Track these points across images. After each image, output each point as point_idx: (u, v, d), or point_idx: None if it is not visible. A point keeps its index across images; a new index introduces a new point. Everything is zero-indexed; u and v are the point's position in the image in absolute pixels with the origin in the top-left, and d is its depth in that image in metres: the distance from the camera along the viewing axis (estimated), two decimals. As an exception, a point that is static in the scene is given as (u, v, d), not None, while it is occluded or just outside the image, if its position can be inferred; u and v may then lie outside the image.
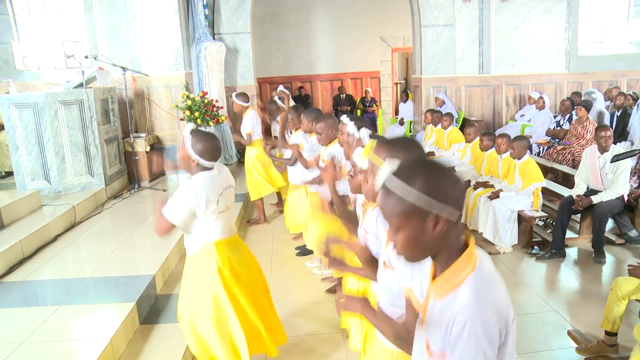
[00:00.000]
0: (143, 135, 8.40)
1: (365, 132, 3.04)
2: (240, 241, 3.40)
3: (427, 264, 1.57)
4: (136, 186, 7.68)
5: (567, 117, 8.93)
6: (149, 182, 8.04)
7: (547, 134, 9.13)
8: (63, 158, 6.71)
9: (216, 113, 8.40)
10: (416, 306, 1.73)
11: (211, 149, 3.02)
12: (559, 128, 8.96)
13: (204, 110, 8.23)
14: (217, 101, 8.59)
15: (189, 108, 8.23)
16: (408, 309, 1.84)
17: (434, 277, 1.52)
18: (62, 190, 6.71)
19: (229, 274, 3.13)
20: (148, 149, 8.16)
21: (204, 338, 3.19)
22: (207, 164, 3.03)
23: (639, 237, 5.93)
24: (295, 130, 5.71)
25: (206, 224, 3.06)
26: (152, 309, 4.33)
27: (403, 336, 1.89)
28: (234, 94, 6.82)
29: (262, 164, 6.79)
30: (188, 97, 8.32)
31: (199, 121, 8.19)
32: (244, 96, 6.84)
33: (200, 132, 3.06)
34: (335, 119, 4.85)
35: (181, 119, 8.48)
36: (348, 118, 3.59)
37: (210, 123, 8.32)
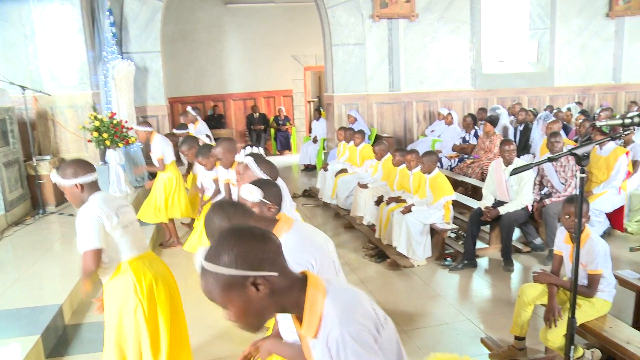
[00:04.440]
0: (47, 157, 7.99)
1: (249, 159, 3.04)
2: (155, 257, 3.35)
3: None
4: (41, 211, 7.29)
5: (472, 132, 9.34)
6: (55, 206, 7.64)
7: (453, 150, 9.47)
8: (-44, 184, 6.27)
9: (126, 134, 8.10)
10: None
11: (76, 165, 3.04)
12: (465, 143, 9.34)
13: (112, 132, 7.91)
14: (126, 122, 8.30)
15: (97, 129, 7.89)
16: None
17: (300, 324, 1.54)
18: (-43, 219, 6.27)
19: (147, 290, 3.08)
20: (53, 172, 7.76)
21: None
22: (89, 177, 3.02)
23: (543, 245, 6.24)
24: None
25: (115, 242, 3.00)
26: (60, 340, 4.11)
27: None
28: (134, 125, 6.62)
29: (174, 188, 6.63)
30: (96, 117, 7.98)
31: (107, 142, 7.86)
32: (145, 123, 6.69)
33: (62, 164, 3.10)
34: (232, 141, 4.79)
35: (89, 141, 8.10)
36: (252, 160, 3.30)
37: (120, 144, 8.01)
